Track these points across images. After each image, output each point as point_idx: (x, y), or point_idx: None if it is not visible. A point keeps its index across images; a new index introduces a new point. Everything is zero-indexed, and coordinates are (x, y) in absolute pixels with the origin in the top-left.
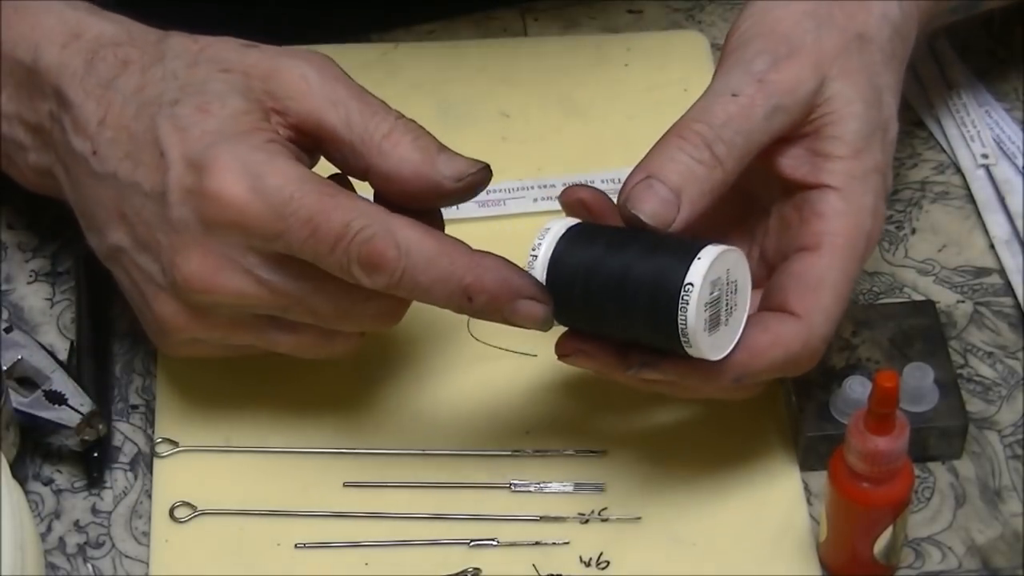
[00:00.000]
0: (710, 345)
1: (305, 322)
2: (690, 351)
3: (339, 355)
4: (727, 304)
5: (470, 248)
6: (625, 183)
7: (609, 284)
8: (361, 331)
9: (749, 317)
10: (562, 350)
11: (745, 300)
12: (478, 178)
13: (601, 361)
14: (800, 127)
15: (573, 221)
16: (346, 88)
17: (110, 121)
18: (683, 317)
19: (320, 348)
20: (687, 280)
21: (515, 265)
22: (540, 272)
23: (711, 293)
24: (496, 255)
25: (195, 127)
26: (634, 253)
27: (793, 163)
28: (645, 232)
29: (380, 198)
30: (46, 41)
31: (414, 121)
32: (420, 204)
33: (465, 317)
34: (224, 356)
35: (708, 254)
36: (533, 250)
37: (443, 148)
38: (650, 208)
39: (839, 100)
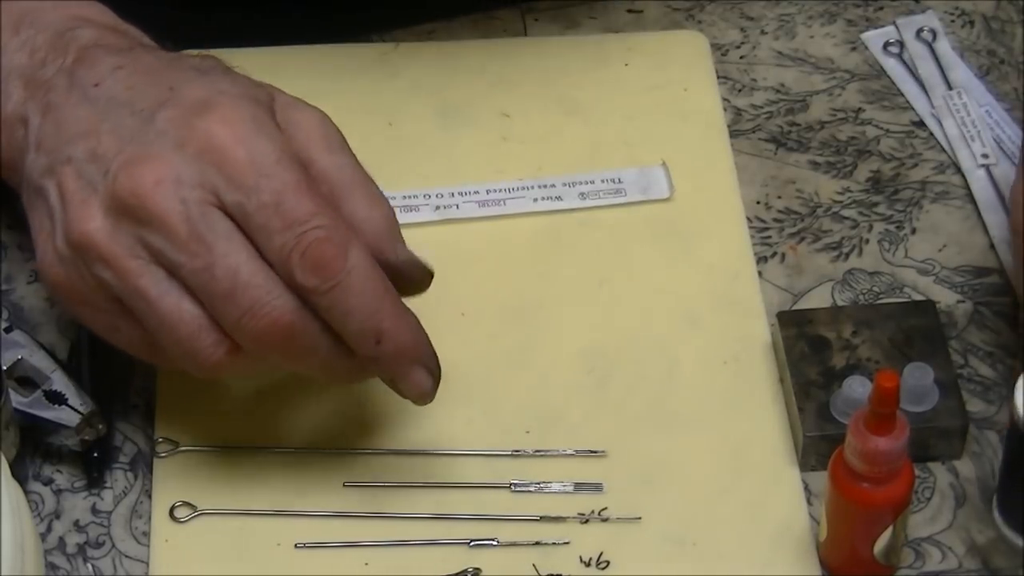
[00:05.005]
0: None
1: (195, 295)
2: None
3: (207, 355)
4: None
5: (402, 301)
6: None
7: None
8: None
9: None
10: None
11: None
12: (418, 273)
13: None
14: None
15: None
16: (349, 150)
17: (127, 67)
18: None
19: (197, 334)
20: None
21: (427, 337)
22: None
23: None
24: (417, 320)
25: (217, 81)
26: None
27: None
28: None
29: None
30: (90, 22)
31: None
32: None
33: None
34: (94, 318)
35: None
36: None
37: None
38: None
39: None
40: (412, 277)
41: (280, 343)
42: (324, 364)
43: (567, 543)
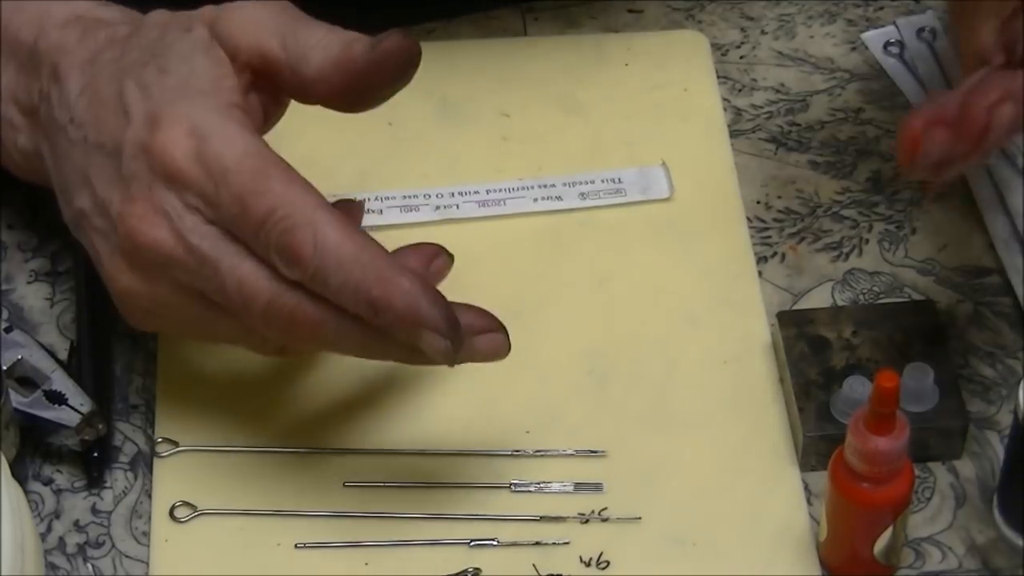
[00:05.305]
0: None
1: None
2: None
3: (275, 354)
4: None
5: (392, 262)
6: None
7: None
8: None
9: None
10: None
11: None
12: (392, 44)
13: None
14: None
15: None
16: (291, 18)
17: (87, 90)
18: None
19: (254, 341)
20: None
21: (433, 293)
22: None
23: None
24: (417, 278)
25: (156, 85)
26: None
27: None
28: None
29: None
30: (50, 23)
31: (354, 32)
32: (349, 97)
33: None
34: (189, 336)
35: None
36: None
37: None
38: None
39: None
40: (388, 56)
41: (309, 335)
42: (364, 345)
43: (567, 543)
